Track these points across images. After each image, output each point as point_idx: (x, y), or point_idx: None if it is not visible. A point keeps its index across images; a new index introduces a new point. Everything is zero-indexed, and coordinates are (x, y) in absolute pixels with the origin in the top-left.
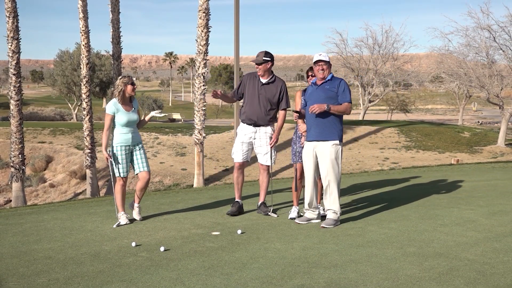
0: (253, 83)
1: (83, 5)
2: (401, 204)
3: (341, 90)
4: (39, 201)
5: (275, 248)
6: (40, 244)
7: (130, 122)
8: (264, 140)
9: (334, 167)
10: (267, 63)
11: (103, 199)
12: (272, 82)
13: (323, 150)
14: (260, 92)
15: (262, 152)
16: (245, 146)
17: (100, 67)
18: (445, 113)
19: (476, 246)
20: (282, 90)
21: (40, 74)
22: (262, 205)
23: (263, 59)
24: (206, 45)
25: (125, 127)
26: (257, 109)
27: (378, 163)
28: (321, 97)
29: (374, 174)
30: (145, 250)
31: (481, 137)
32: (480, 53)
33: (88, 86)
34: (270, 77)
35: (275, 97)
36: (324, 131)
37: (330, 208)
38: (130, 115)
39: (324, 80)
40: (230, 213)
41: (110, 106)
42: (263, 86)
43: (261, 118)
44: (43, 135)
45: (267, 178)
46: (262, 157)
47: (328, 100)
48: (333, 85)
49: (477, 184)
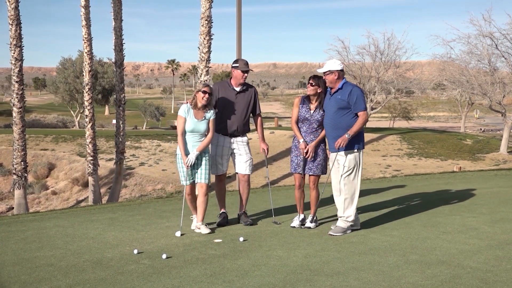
0: (225, 92)
1: (86, 13)
2: (404, 212)
3: (353, 100)
4: (41, 208)
5: (277, 255)
6: (42, 251)
7: (195, 130)
8: (242, 148)
9: (349, 175)
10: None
11: (105, 206)
12: (246, 90)
13: (341, 160)
14: (237, 100)
15: (242, 161)
16: (224, 158)
17: (102, 75)
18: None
19: (479, 254)
20: (255, 96)
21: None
22: (243, 215)
23: (249, 68)
24: (208, 53)
25: (189, 135)
26: (236, 118)
27: (380, 171)
28: (333, 108)
29: (376, 182)
30: (147, 257)
31: (484, 145)
32: (482, 60)
33: (90, 94)
34: (243, 85)
35: (251, 104)
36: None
37: (341, 216)
38: (198, 123)
39: (336, 89)
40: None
41: (182, 108)
42: (239, 94)
43: (240, 127)
44: (46, 142)
45: (247, 188)
46: (242, 166)
47: (340, 111)
48: (344, 95)
49: (480, 192)
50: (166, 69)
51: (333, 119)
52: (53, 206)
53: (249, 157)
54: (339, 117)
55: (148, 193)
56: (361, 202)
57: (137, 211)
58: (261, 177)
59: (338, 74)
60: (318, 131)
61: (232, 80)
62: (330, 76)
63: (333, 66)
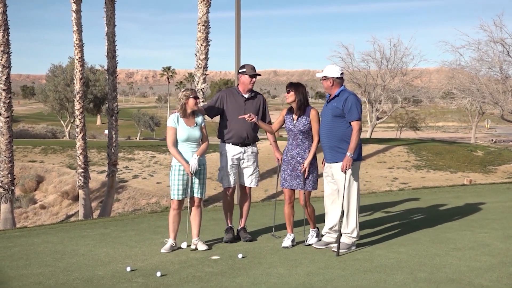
0: (234, 99)
1: (77, 18)
2: (411, 227)
3: (347, 108)
4: (29, 224)
5: (278, 273)
6: (29, 269)
7: (191, 139)
8: (252, 160)
9: (349, 187)
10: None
11: (96, 221)
12: (255, 97)
13: (336, 172)
14: (246, 107)
15: (248, 173)
16: (234, 168)
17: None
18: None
19: (491, 272)
20: (264, 103)
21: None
22: (242, 230)
23: (257, 73)
24: (205, 59)
25: (185, 144)
26: (246, 126)
27: (387, 184)
28: (329, 116)
29: (382, 195)
30: (141, 275)
31: (495, 156)
32: (493, 67)
33: (81, 102)
34: (251, 92)
35: (260, 112)
36: (337, 151)
37: (345, 232)
38: (192, 130)
39: (333, 96)
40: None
41: (171, 118)
42: (247, 101)
43: (250, 135)
44: (34, 153)
45: (249, 201)
46: (247, 178)
47: (335, 119)
48: (340, 103)
49: (491, 206)
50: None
51: (328, 127)
52: (41, 221)
53: (256, 169)
54: (334, 125)
55: (142, 207)
56: (366, 217)
57: (130, 226)
58: (261, 190)
59: (333, 82)
60: (305, 143)
61: (240, 87)
62: (326, 82)
63: (330, 72)
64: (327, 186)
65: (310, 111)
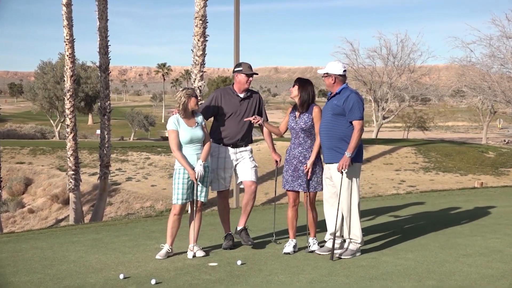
0: (229, 99)
1: (68, 12)
2: (419, 232)
3: (348, 107)
4: (16, 229)
5: (279, 281)
6: (17, 276)
7: (194, 140)
8: (247, 156)
9: (347, 190)
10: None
11: (88, 226)
12: (250, 96)
13: (335, 173)
14: (241, 108)
15: (247, 167)
16: (225, 172)
17: (85, 80)
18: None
19: (503, 279)
20: (260, 103)
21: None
22: (243, 231)
23: (253, 72)
24: (203, 56)
25: (188, 146)
26: (241, 127)
27: (394, 186)
28: (328, 114)
29: (388, 199)
30: (135, 283)
31: (508, 158)
32: (506, 64)
33: (72, 101)
34: (247, 91)
35: (256, 112)
36: (336, 152)
37: (349, 238)
38: (194, 131)
39: (334, 93)
40: (226, 247)
41: (171, 120)
42: (243, 101)
43: (244, 137)
44: (22, 154)
45: (253, 199)
46: (247, 172)
47: (335, 118)
48: (340, 101)
49: (504, 210)
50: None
51: (327, 126)
52: (30, 226)
53: (254, 164)
54: (333, 124)
55: (136, 211)
56: (372, 222)
57: (123, 232)
58: (261, 193)
59: (335, 79)
60: (307, 142)
61: (235, 86)
62: (328, 79)
63: (332, 69)
64: (326, 188)
65: (313, 109)
